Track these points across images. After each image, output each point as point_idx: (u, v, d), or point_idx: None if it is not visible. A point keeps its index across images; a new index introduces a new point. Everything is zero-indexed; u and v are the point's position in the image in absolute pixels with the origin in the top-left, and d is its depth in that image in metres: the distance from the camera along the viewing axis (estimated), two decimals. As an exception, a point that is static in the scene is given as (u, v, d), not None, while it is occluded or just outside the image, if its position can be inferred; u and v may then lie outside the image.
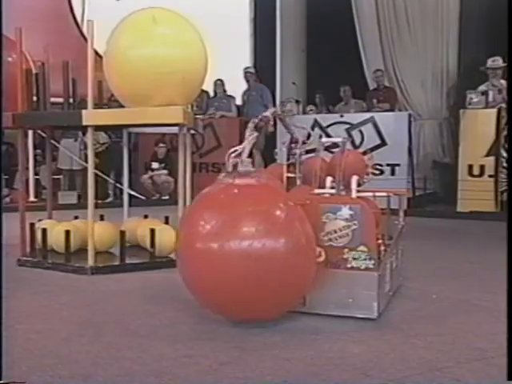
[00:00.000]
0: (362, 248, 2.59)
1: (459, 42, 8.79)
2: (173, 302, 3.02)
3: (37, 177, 8.45)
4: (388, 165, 7.42)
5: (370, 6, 9.25)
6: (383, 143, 7.47)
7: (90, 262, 3.79)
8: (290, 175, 3.43)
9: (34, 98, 4.27)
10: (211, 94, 9.61)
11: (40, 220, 4.41)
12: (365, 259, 2.58)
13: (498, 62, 7.24)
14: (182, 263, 2.60)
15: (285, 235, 2.36)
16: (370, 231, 2.60)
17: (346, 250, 2.60)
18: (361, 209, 2.59)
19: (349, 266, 2.60)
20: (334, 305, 2.63)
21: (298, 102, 8.42)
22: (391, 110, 8.26)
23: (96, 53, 3.76)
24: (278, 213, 2.42)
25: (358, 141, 7.59)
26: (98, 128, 4.17)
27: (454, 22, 8.72)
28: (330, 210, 2.62)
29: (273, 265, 2.32)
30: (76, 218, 4.53)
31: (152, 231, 3.98)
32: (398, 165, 7.38)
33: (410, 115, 7.79)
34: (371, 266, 2.58)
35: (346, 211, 2.60)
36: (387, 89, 8.73)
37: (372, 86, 9.02)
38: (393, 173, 7.41)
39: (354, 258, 2.60)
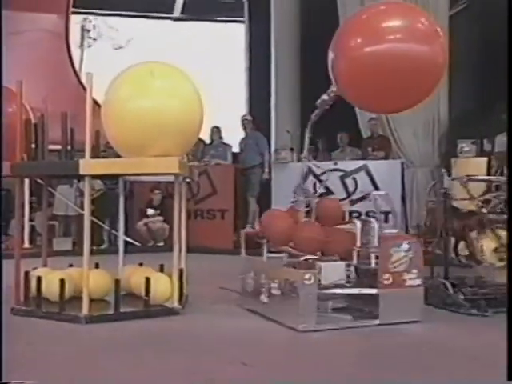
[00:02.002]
0: (414, 271, 3.74)
1: (449, 92, 8.99)
2: (168, 352, 3.01)
3: (32, 223, 8.45)
4: (381, 212, 7.45)
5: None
6: (377, 190, 7.54)
7: (85, 311, 3.78)
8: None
9: (33, 146, 4.34)
10: (207, 141, 9.74)
11: (35, 268, 4.40)
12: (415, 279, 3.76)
13: None
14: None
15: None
16: (420, 258, 3.78)
17: (405, 273, 3.71)
18: (414, 243, 3.79)
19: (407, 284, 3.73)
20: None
21: (292, 149, 8.52)
22: (386, 158, 8.36)
23: (95, 102, 3.86)
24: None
25: (351, 188, 7.67)
26: (94, 177, 4.23)
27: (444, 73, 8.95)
28: (395, 245, 3.73)
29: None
30: (71, 265, 4.53)
31: (147, 280, 3.99)
32: (390, 212, 7.42)
33: (402, 163, 7.89)
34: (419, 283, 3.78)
35: (405, 245, 3.74)
36: (381, 137, 8.86)
37: (366, 134, 9.16)
38: (386, 220, 7.44)
39: (410, 279, 3.72)
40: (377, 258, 3.72)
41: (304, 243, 3.96)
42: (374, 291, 3.70)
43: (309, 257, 3.86)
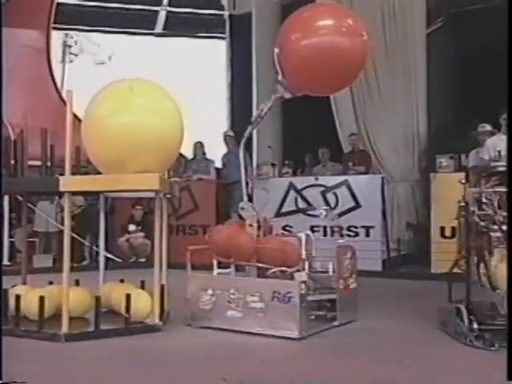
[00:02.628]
0: (353, 275, 4.31)
1: (427, 108, 9.13)
2: (149, 369, 2.99)
3: (11, 240, 8.36)
4: (362, 227, 7.52)
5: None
6: (357, 205, 7.60)
7: (64, 328, 3.75)
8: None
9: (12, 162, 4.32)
10: (189, 156, 9.74)
11: (14, 286, 4.36)
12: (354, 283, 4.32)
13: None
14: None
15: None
16: (356, 265, 4.37)
17: (349, 278, 4.26)
18: (353, 251, 4.35)
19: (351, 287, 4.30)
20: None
21: (273, 165, 8.56)
22: (366, 172, 8.44)
23: (75, 116, 3.86)
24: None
25: (332, 203, 7.71)
26: (75, 193, 4.21)
27: (422, 89, 9.09)
28: (345, 253, 4.25)
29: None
30: (51, 283, 4.49)
31: (127, 296, 3.97)
32: (372, 227, 7.49)
33: (383, 178, 7.96)
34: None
35: (349, 254, 4.28)
36: (362, 152, 8.93)
37: (347, 149, 9.24)
38: (367, 235, 7.50)
39: (352, 283, 4.30)
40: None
41: (269, 256, 4.02)
42: (333, 296, 4.11)
43: (279, 269, 3.96)
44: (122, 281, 4.66)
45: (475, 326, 3.56)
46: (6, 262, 7.81)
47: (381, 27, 9.08)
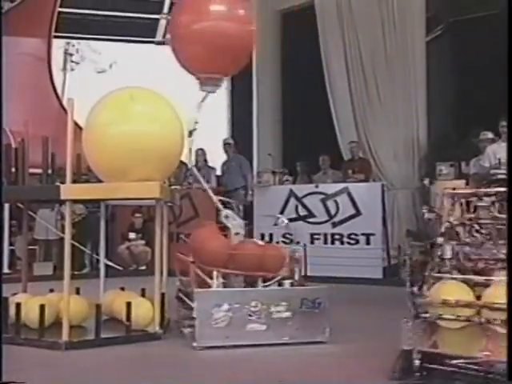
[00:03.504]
0: None
1: (428, 115, 9.14)
2: (150, 377, 2.99)
3: (12, 247, 8.36)
4: (363, 234, 7.52)
5: (342, 80, 9.61)
6: (358, 213, 7.60)
7: (65, 337, 3.74)
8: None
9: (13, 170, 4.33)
10: (190, 164, 9.72)
11: (14, 294, 4.35)
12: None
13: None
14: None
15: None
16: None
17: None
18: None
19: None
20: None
21: (274, 172, 8.56)
22: (366, 180, 8.44)
23: (76, 124, 3.87)
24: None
25: (333, 211, 7.71)
26: (75, 201, 4.22)
27: (422, 96, 9.10)
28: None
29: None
30: (51, 290, 4.49)
31: (128, 304, 3.97)
32: (372, 234, 7.48)
33: (383, 185, 7.97)
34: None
35: None
36: (362, 160, 8.92)
37: (347, 156, 9.24)
38: (368, 242, 7.50)
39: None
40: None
41: (244, 262, 3.96)
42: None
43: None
44: (122, 289, 4.66)
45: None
46: (6, 269, 7.80)
47: (380, 35, 9.12)
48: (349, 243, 7.52)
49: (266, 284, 3.94)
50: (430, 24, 9.34)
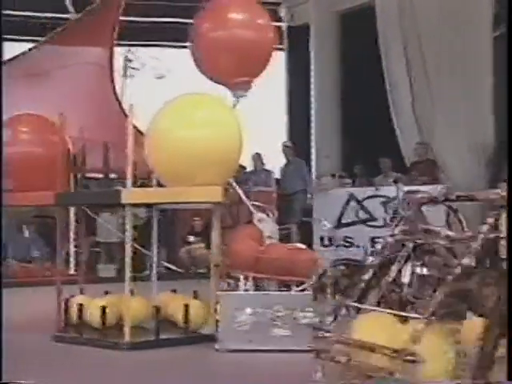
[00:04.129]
0: None
1: (495, 115, 8.79)
2: (208, 379, 2.99)
3: (77, 250, 8.60)
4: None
5: (403, 80, 9.40)
6: (420, 217, 7.39)
7: (127, 337, 3.80)
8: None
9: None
10: (249, 167, 9.76)
11: (74, 296, 4.43)
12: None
13: None
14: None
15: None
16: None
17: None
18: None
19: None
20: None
21: (333, 175, 8.45)
22: (433, 183, 7.95)
23: (136, 129, 3.94)
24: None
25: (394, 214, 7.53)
26: (136, 205, 4.29)
27: (488, 95, 8.76)
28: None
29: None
30: (106, 293, 4.54)
31: (186, 306, 4.00)
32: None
33: (446, 188, 7.70)
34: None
35: None
36: (429, 161, 8.50)
37: (409, 159, 8.97)
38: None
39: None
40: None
41: (271, 265, 3.90)
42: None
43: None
44: (174, 291, 4.67)
45: None
46: (72, 271, 8.03)
47: (444, 33, 8.85)
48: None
49: (299, 289, 3.85)
50: (497, 19, 9.00)
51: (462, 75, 8.77)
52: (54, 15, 12.48)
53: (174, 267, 8.51)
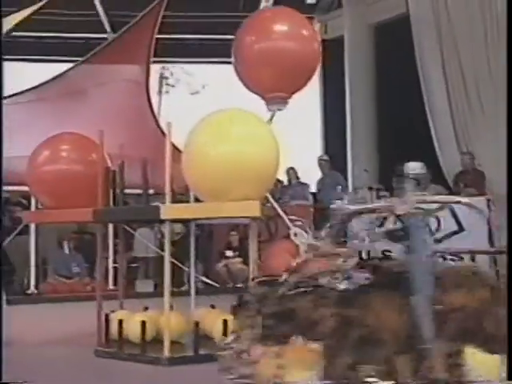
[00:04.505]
0: None
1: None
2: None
3: (116, 265, 8.70)
4: (468, 252, 7.12)
5: (441, 91, 9.29)
6: (461, 229, 7.22)
7: (166, 352, 3.80)
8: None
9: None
10: (285, 181, 9.75)
11: (114, 311, 4.47)
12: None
13: None
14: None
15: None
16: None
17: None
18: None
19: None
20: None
21: (370, 188, 8.35)
22: (480, 194, 7.70)
23: (172, 145, 3.97)
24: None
25: (433, 227, 7.38)
26: (175, 221, 4.31)
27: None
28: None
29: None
30: (146, 308, 4.57)
31: (224, 322, 3.98)
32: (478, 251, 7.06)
33: (488, 200, 7.53)
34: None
35: None
36: (475, 172, 8.25)
37: (447, 170, 8.82)
38: (473, 260, 7.09)
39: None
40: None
41: None
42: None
43: None
44: (213, 306, 4.66)
45: None
46: (111, 286, 8.12)
47: (482, 41, 8.72)
48: (452, 260, 7.16)
49: None
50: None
51: (501, 84, 8.61)
52: (92, 35, 12.78)
53: (211, 282, 8.51)
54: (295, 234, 4.14)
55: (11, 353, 4.17)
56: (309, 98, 13.23)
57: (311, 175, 9.87)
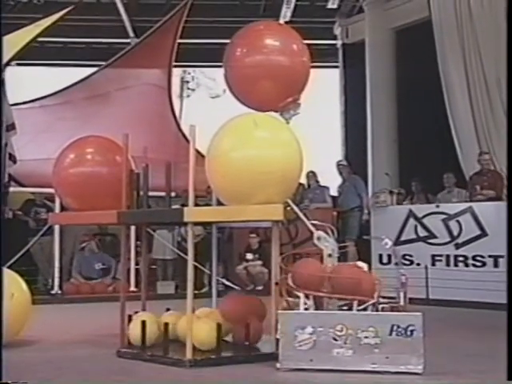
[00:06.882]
0: None
1: None
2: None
3: (137, 267, 8.78)
4: (490, 256, 7.07)
5: (463, 95, 9.24)
6: (483, 234, 7.17)
7: (189, 354, 3.84)
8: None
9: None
10: (306, 185, 9.76)
11: (136, 312, 4.51)
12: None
13: None
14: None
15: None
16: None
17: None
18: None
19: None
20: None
21: (391, 192, 8.32)
22: (496, 198, 7.50)
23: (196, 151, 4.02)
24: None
25: (455, 232, 7.34)
26: (196, 223, 4.36)
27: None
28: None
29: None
30: (168, 309, 4.62)
31: (247, 325, 4.01)
32: (501, 256, 7.00)
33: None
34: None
35: None
36: (493, 173, 7.93)
37: (469, 173, 8.72)
38: (496, 265, 7.04)
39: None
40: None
41: (341, 285, 3.87)
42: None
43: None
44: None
45: None
46: (132, 287, 8.20)
47: (505, 44, 8.65)
48: (474, 265, 7.11)
49: (360, 308, 3.81)
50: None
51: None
52: (115, 40, 12.94)
53: (231, 284, 8.55)
54: (318, 238, 4.15)
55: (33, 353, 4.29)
56: (330, 102, 13.27)
57: (333, 179, 9.86)
